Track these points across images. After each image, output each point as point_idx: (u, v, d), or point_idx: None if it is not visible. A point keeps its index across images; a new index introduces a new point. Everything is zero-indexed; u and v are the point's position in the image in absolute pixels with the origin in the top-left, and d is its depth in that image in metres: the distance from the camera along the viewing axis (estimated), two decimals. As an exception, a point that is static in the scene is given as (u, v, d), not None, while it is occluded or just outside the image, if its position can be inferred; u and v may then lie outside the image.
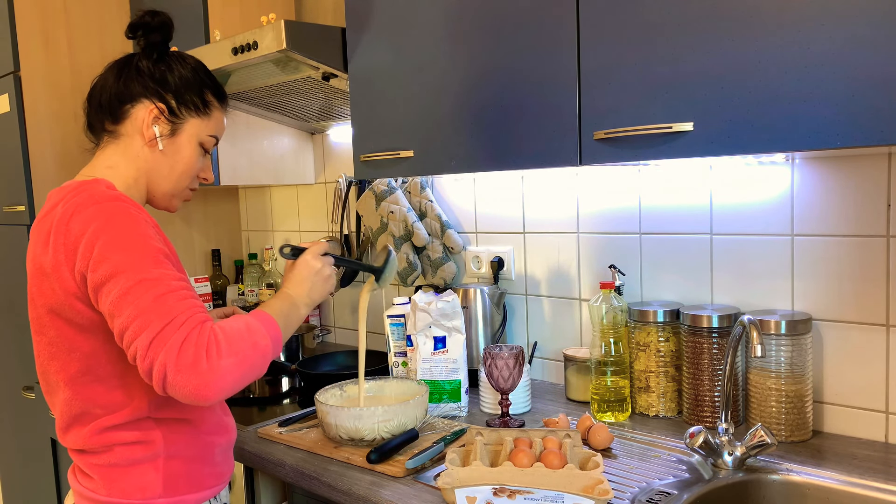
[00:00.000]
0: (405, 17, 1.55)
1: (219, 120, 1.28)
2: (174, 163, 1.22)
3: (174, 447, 1.15)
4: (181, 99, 1.21)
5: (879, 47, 0.95)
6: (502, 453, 1.18)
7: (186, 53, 1.27)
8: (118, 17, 2.48)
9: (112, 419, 1.12)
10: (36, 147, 2.32)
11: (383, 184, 2.03)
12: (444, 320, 1.57)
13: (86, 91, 1.26)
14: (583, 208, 1.73)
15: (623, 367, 1.52)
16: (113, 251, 1.03)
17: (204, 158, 1.28)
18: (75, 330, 1.10)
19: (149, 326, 0.98)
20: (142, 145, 1.20)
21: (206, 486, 1.19)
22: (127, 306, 1.00)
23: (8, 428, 2.74)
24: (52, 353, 1.13)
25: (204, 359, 0.98)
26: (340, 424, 1.37)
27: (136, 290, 1.00)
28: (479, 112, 1.43)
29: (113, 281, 1.02)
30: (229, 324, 1.05)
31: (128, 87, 1.20)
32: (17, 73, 2.27)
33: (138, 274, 1.02)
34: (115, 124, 1.20)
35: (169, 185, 1.23)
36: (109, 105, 1.20)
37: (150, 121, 1.19)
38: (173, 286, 1.03)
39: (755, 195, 1.44)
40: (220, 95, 1.28)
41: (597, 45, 1.24)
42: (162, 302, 1.00)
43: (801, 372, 1.33)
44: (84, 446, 1.14)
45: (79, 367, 1.11)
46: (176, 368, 0.97)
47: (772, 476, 1.22)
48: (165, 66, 1.21)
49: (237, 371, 1.01)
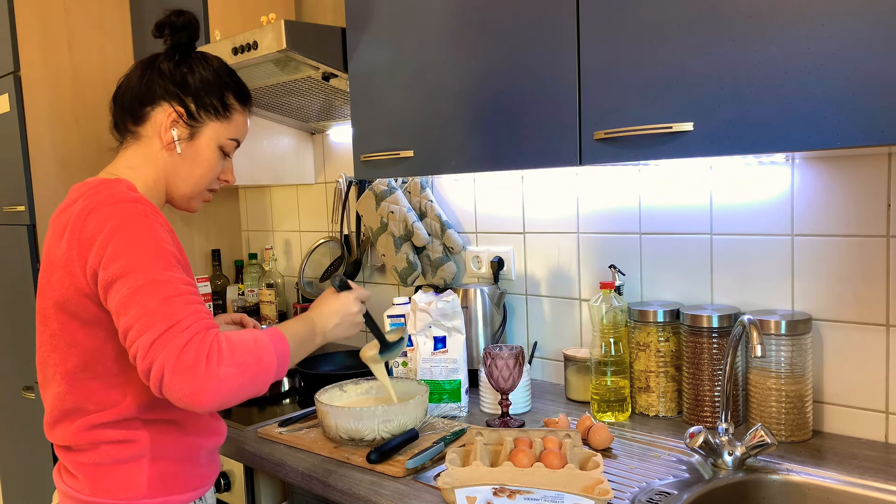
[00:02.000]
0: (405, 17, 1.55)
1: (240, 123, 1.26)
2: (193, 166, 1.22)
3: (160, 448, 1.15)
4: (200, 102, 1.20)
5: (879, 47, 0.95)
6: (502, 453, 1.18)
7: (210, 54, 1.25)
8: (118, 17, 2.48)
9: (101, 417, 1.12)
10: (36, 147, 2.32)
11: (383, 184, 2.03)
12: (444, 320, 1.57)
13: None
14: (583, 208, 1.73)
15: (623, 367, 1.52)
16: (125, 251, 1.03)
17: (225, 161, 1.27)
18: (78, 324, 1.10)
19: (152, 327, 0.98)
20: (160, 148, 1.20)
21: (192, 488, 1.19)
22: (133, 306, 1.00)
23: (8, 428, 2.74)
24: (54, 346, 1.14)
25: (203, 364, 0.97)
26: (340, 424, 1.37)
27: (143, 291, 1.01)
28: (479, 112, 1.43)
29: (122, 280, 1.02)
30: (237, 335, 1.04)
31: (149, 88, 1.19)
32: (17, 73, 2.27)
33: (148, 275, 1.02)
34: (137, 126, 1.21)
35: (187, 188, 1.23)
36: (131, 106, 1.20)
37: (168, 124, 1.19)
38: (181, 290, 1.03)
39: (755, 195, 1.44)
40: (242, 97, 1.26)
41: (597, 45, 1.24)
42: (168, 304, 1.00)
43: (801, 372, 1.33)
44: (70, 442, 1.14)
45: (78, 363, 1.12)
46: (174, 371, 0.96)
47: (772, 476, 1.22)
48: (187, 68, 1.20)
49: (235, 381, 0.99)
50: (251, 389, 1.03)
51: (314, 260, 2.40)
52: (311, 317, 1.22)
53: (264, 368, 1.04)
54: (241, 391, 1.01)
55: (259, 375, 1.03)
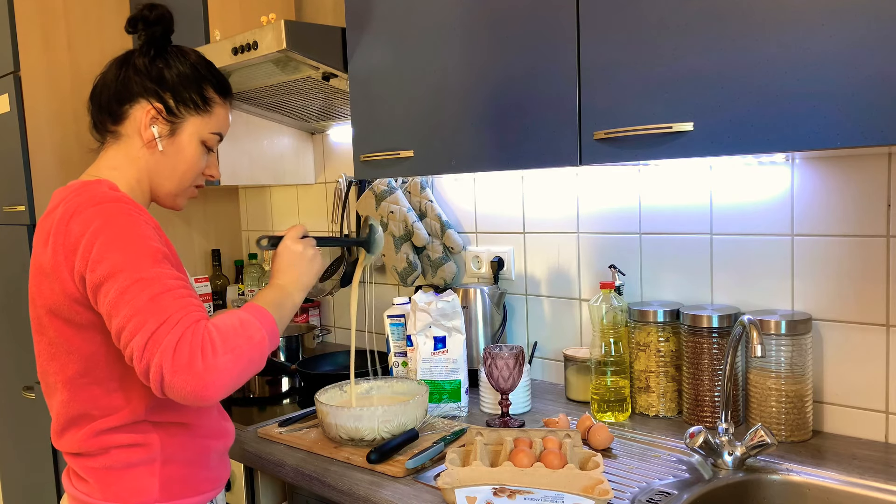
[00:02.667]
0: (405, 17, 1.55)
1: (221, 116, 1.24)
2: (176, 163, 1.20)
3: (171, 451, 1.14)
4: (179, 97, 1.18)
5: (879, 47, 0.95)
6: (502, 453, 1.18)
7: (187, 48, 1.23)
8: (118, 16, 2.48)
9: (109, 422, 1.11)
10: (36, 147, 2.32)
11: (383, 184, 2.03)
12: (444, 320, 1.57)
13: (86, 91, 1.25)
14: (583, 208, 1.72)
15: (623, 367, 1.52)
16: (111, 251, 1.02)
17: (208, 156, 1.25)
18: (74, 330, 1.09)
19: (144, 327, 0.97)
20: (141, 146, 1.18)
21: (203, 490, 1.19)
22: (123, 306, 0.99)
23: (8, 428, 2.74)
24: (52, 354, 1.13)
25: (199, 358, 0.96)
26: (340, 424, 1.37)
27: (132, 290, 0.99)
28: (479, 112, 1.43)
29: (111, 281, 1.01)
30: (222, 320, 1.03)
31: (126, 86, 1.17)
32: (17, 73, 2.27)
33: (135, 273, 1.00)
34: (116, 125, 1.19)
35: (171, 185, 1.21)
36: (109, 105, 1.19)
37: (147, 121, 1.17)
38: (170, 285, 1.01)
39: (755, 195, 1.44)
40: (222, 90, 1.24)
41: (597, 45, 1.24)
42: (157, 301, 0.99)
43: (801, 372, 1.33)
44: (80, 449, 1.14)
45: (77, 369, 1.11)
46: (172, 370, 0.95)
47: (772, 476, 1.22)
48: (163, 63, 1.18)
49: (234, 368, 0.99)
50: (251, 370, 1.03)
51: (314, 260, 2.40)
52: (275, 281, 1.20)
53: (258, 347, 1.04)
54: (242, 375, 1.01)
55: (255, 355, 1.03)
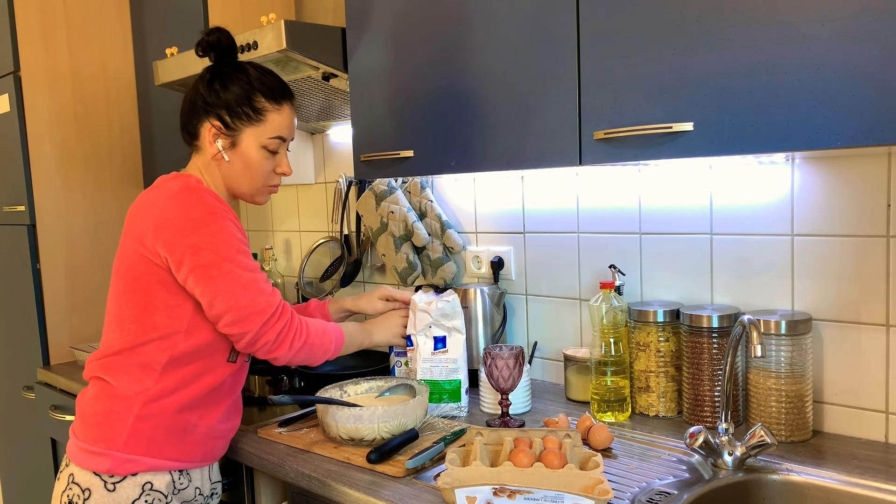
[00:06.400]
0: (405, 17, 1.55)
1: (276, 122, 1.37)
2: (243, 170, 1.38)
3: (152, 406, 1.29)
4: (233, 112, 1.34)
5: (879, 47, 0.95)
6: (502, 453, 1.18)
7: (246, 63, 1.38)
8: (118, 17, 2.48)
9: (149, 337, 1.29)
10: (36, 147, 2.32)
11: (383, 184, 2.03)
12: (444, 320, 1.57)
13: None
14: (583, 208, 1.73)
15: (623, 367, 1.52)
16: (196, 233, 1.24)
17: (275, 157, 1.40)
18: (157, 282, 1.28)
19: (260, 311, 1.28)
20: (212, 158, 1.37)
21: (166, 457, 1.30)
22: (218, 280, 1.24)
23: (8, 428, 2.74)
24: (130, 296, 1.32)
25: (294, 337, 1.33)
26: (340, 424, 1.37)
27: (222, 268, 1.24)
28: (479, 112, 1.43)
29: (197, 258, 1.23)
30: (313, 322, 1.39)
31: (193, 109, 1.37)
32: (17, 73, 2.28)
33: (222, 254, 1.25)
34: (193, 140, 1.40)
35: (244, 187, 1.40)
36: (185, 124, 1.40)
37: (211, 138, 1.36)
38: (257, 270, 1.29)
39: (755, 195, 1.44)
40: (274, 95, 1.37)
41: (597, 45, 1.24)
42: (253, 283, 1.27)
43: (801, 372, 1.33)
44: (121, 347, 1.31)
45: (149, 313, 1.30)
46: (276, 342, 1.31)
47: (772, 476, 1.23)
48: (220, 84, 1.35)
49: (306, 352, 1.37)
50: (318, 356, 1.40)
51: (314, 260, 2.40)
52: (368, 328, 1.55)
53: (325, 349, 1.41)
54: (310, 358, 1.39)
55: (320, 352, 1.40)
